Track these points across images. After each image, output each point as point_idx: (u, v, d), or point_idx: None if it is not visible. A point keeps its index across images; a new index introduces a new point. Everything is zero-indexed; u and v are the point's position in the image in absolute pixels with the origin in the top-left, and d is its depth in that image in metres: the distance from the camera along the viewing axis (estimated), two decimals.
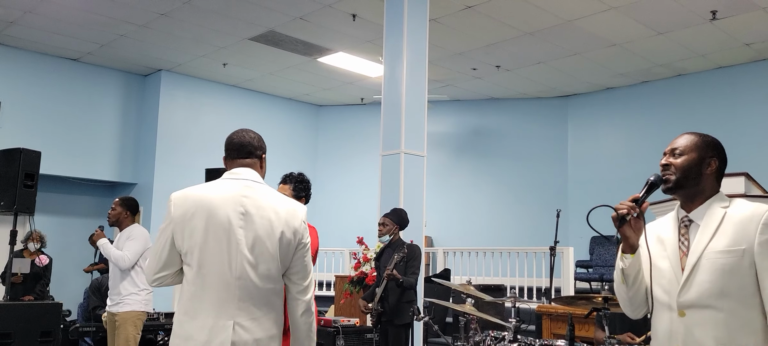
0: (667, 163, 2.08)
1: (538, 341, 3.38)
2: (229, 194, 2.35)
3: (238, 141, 2.55)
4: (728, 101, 9.74)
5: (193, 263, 2.28)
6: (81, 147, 10.32)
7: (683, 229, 2.06)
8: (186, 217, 2.30)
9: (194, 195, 2.36)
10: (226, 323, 2.23)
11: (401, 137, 6.84)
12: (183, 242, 2.29)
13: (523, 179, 11.70)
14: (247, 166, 2.50)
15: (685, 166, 2.06)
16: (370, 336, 5.66)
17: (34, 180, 5.51)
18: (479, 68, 10.29)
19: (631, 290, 2.08)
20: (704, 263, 1.95)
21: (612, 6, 7.77)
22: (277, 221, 2.35)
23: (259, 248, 2.31)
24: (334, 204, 12.61)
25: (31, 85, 9.98)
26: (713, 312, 1.91)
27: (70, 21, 8.77)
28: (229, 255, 2.27)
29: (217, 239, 2.27)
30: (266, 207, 2.36)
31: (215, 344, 2.21)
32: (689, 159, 2.06)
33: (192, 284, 2.28)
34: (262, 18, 8.54)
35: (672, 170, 2.07)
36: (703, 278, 1.94)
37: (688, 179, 2.05)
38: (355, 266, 7.17)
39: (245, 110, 11.98)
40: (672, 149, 2.10)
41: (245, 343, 2.24)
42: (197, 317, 2.24)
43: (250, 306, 2.27)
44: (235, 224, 2.29)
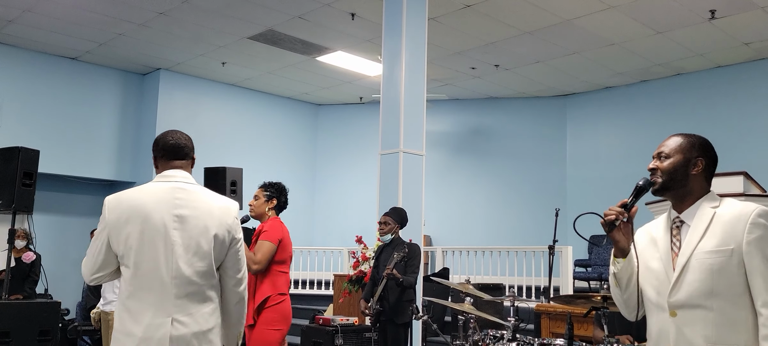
0: (654, 167, 2.12)
1: (537, 340, 3.38)
2: (163, 196, 2.46)
3: (174, 143, 2.62)
4: (727, 100, 9.74)
5: (130, 265, 2.39)
6: (80, 146, 10.31)
7: (675, 229, 2.09)
8: (120, 221, 2.40)
9: (128, 199, 2.46)
10: (164, 320, 2.35)
11: (400, 136, 6.85)
12: (118, 246, 2.40)
13: (522, 178, 11.70)
14: (180, 168, 2.59)
15: (671, 168, 2.09)
16: (368, 335, 5.66)
17: (33, 179, 5.48)
18: (478, 67, 10.29)
19: (625, 293, 2.13)
20: (694, 263, 1.98)
21: (611, 5, 7.77)
22: (211, 220, 2.48)
23: (194, 247, 2.43)
24: (332, 203, 12.61)
25: (30, 83, 9.97)
26: (703, 312, 1.93)
27: (68, 20, 8.75)
28: (164, 256, 2.38)
29: (152, 242, 2.38)
30: (200, 208, 2.49)
31: (155, 341, 2.32)
32: (675, 162, 2.09)
33: (130, 284, 2.39)
34: (261, 17, 8.54)
35: (659, 174, 2.10)
36: (693, 277, 1.96)
37: (674, 180, 2.08)
38: (353, 265, 7.17)
39: (244, 109, 11.98)
40: (659, 153, 2.14)
41: (183, 337, 2.36)
42: (137, 315, 2.35)
43: (187, 303, 2.39)
44: (170, 226, 2.41)
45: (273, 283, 3.75)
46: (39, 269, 7.28)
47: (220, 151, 11.14)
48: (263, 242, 3.74)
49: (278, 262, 3.81)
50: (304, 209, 12.53)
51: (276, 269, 3.80)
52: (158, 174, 2.58)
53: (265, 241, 3.74)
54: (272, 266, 3.77)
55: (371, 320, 5.21)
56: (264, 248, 3.72)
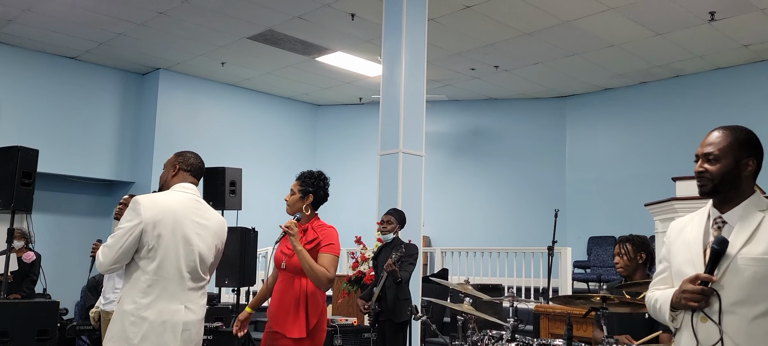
0: (702, 170, 1.97)
1: (536, 340, 3.38)
2: (187, 204, 2.97)
3: (200, 166, 3.19)
4: (726, 102, 9.75)
5: (157, 257, 2.81)
6: (79, 145, 10.31)
7: (715, 230, 1.94)
8: (156, 219, 2.83)
9: (162, 202, 2.92)
10: (179, 307, 2.84)
11: (399, 137, 6.85)
12: (150, 240, 2.81)
13: (521, 179, 11.70)
14: (194, 185, 3.14)
15: (722, 173, 1.94)
16: (367, 335, 5.66)
17: (32, 178, 5.48)
18: (477, 68, 10.30)
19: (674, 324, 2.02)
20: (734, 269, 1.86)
21: (610, 6, 7.78)
22: (216, 231, 3.07)
23: (206, 250, 2.98)
24: (331, 204, 12.51)
25: (29, 83, 9.97)
26: (737, 320, 1.83)
27: (68, 19, 8.75)
28: (185, 254, 2.88)
29: (179, 240, 2.87)
30: (210, 219, 3.06)
31: (172, 322, 2.80)
32: (726, 166, 1.94)
33: (152, 275, 2.80)
34: (261, 17, 8.54)
35: (708, 177, 1.96)
36: (732, 283, 1.85)
37: (725, 183, 1.95)
38: (352, 265, 7.17)
39: (243, 109, 11.98)
40: (705, 154, 1.98)
41: (191, 322, 2.88)
42: (156, 301, 2.79)
43: (194, 294, 2.92)
44: (193, 231, 2.93)
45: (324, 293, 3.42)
46: (38, 269, 7.27)
47: (219, 152, 11.14)
48: (329, 256, 3.28)
49: None
50: None
51: None
52: (177, 185, 3.06)
53: (331, 255, 3.29)
54: None
55: (370, 321, 5.20)
56: (334, 262, 3.29)
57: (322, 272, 3.21)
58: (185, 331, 2.83)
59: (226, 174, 7.73)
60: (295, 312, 3.24)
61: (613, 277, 8.86)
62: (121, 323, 2.77)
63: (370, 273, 6.44)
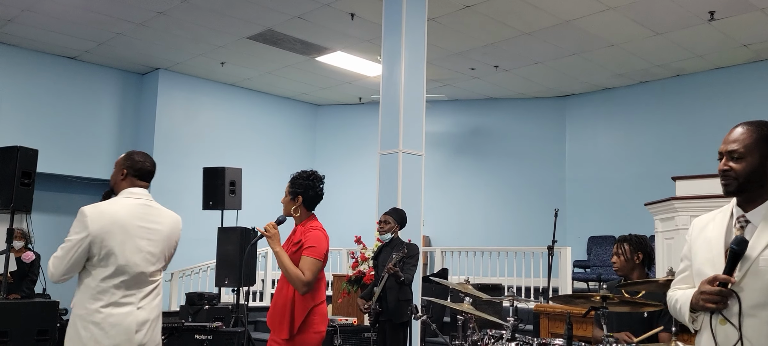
0: (726, 168, 1.90)
1: (536, 339, 3.38)
2: (134, 211, 3.05)
3: (150, 168, 3.24)
4: (726, 102, 9.75)
5: (107, 265, 2.91)
6: (78, 145, 10.30)
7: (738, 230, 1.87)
8: (103, 230, 2.92)
9: (108, 212, 3.00)
10: (131, 309, 2.94)
11: (399, 136, 6.84)
12: (100, 250, 2.91)
13: (521, 179, 11.70)
14: (144, 188, 3.18)
15: (748, 171, 1.88)
16: (367, 335, 5.65)
17: (32, 178, 5.48)
18: (477, 68, 10.29)
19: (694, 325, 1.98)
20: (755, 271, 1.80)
21: (610, 6, 7.78)
22: (168, 231, 3.14)
23: (157, 252, 3.06)
24: (331, 204, 12.53)
25: (29, 83, 9.97)
26: (757, 323, 1.78)
27: (67, 19, 8.75)
28: (136, 260, 2.97)
29: (127, 248, 2.95)
30: (161, 221, 3.13)
31: (125, 325, 2.90)
32: (751, 163, 1.88)
33: (105, 281, 2.90)
34: (261, 17, 8.53)
35: (733, 176, 1.89)
36: (755, 285, 1.79)
37: (751, 182, 1.88)
38: (352, 265, 7.17)
39: (243, 109, 11.97)
40: (729, 151, 1.91)
41: (146, 320, 2.99)
42: (109, 305, 2.90)
43: (147, 295, 3.02)
44: (142, 236, 3.01)
45: (315, 294, 3.34)
46: (38, 268, 7.26)
47: (218, 152, 11.14)
48: (310, 259, 3.25)
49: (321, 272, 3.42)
50: None
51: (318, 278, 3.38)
52: (125, 190, 3.13)
53: (312, 258, 3.25)
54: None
55: (370, 321, 5.20)
56: (313, 266, 3.25)
57: (296, 275, 3.23)
58: (138, 331, 2.94)
59: (226, 174, 7.73)
60: (281, 314, 3.32)
61: (612, 276, 8.85)
62: (75, 327, 2.89)
63: (370, 273, 6.44)
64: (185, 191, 10.58)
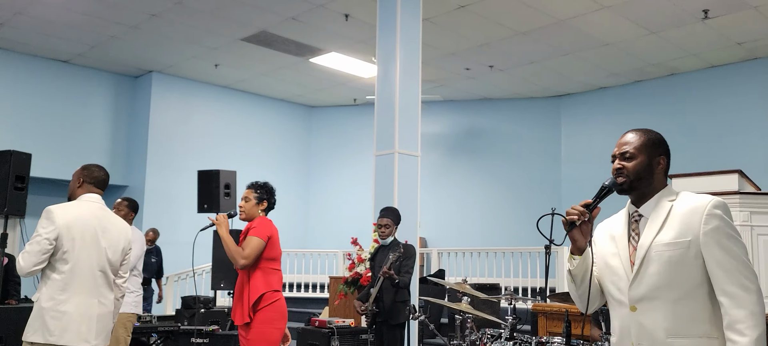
0: (620, 166, 2.11)
1: (535, 338, 3.36)
2: (93, 212, 3.41)
3: (105, 178, 3.60)
4: (721, 100, 9.77)
5: (70, 260, 3.24)
6: (72, 149, 10.24)
7: (634, 224, 2.11)
8: (69, 225, 3.26)
9: (72, 210, 3.35)
10: (93, 301, 3.29)
11: (395, 137, 6.82)
12: (64, 244, 3.23)
13: (517, 178, 11.70)
14: (99, 195, 3.54)
15: (638, 168, 2.09)
16: (365, 337, 5.63)
17: (25, 182, 5.43)
18: (472, 68, 10.29)
19: (579, 289, 2.15)
20: (652, 256, 2.00)
21: (604, 5, 7.78)
22: (120, 234, 3.50)
23: (111, 251, 3.41)
24: (326, 205, 12.57)
25: (22, 87, 9.91)
26: (662, 304, 1.96)
27: (60, 22, 8.70)
28: (96, 255, 3.33)
29: (88, 244, 3.31)
30: (114, 224, 3.50)
31: (88, 315, 3.24)
32: (641, 162, 2.09)
33: (67, 274, 3.22)
34: (254, 18, 8.50)
35: (625, 174, 2.10)
36: (652, 270, 1.99)
37: (640, 180, 2.09)
38: (349, 266, 7.14)
39: (237, 112, 11.94)
40: (622, 153, 2.12)
41: (104, 314, 3.34)
42: (72, 297, 3.22)
43: (105, 290, 3.37)
44: (99, 235, 3.36)
45: (266, 280, 3.72)
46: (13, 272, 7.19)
47: (213, 154, 11.09)
48: (252, 238, 3.71)
49: (269, 259, 3.77)
50: (298, 212, 12.49)
51: (268, 266, 3.76)
52: (83, 196, 3.47)
53: (254, 236, 3.71)
54: (263, 263, 3.74)
55: (367, 322, 5.17)
56: (253, 243, 3.69)
57: (236, 251, 3.67)
58: (98, 322, 3.29)
59: (221, 177, 7.69)
60: (239, 301, 3.73)
61: None
62: (42, 318, 3.16)
63: (367, 274, 6.41)
64: (180, 194, 10.54)
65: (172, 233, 9.74)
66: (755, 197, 4.61)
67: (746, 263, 1.94)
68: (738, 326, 1.87)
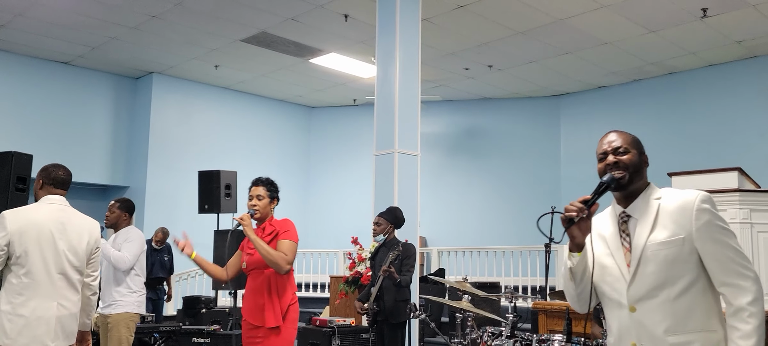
0: (617, 161, 2.09)
1: (535, 336, 3.38)
2: (51, 215, 3.37)
3: (65, 178, 3.57)
4: (720, 98, 9.79)
5: (26, 264, 3.23)
6: (73, 150, 10.26)
7: (622, 224, 2.10)
8: (21, 231, 3.24)
9: (25, 215, 3.31)
10: (51, 304, 3.26)
11: (395, 137, 6.84)
12: (16, 249, 3.22)
13: (516, 178, 11.72)
14: (62, 195, 3.52)
15: (634, 162, 2.09)
16: (365, 336, 5.65)
17: (27, 184, 5.44)
18: (471, 68, 10.31)
19: (578, 287, 2.13)
20: (647, 256, 2.00)
21: (603, 4, 7.80)
22: (81, 233, 3.45)
23: (71, 252, 3.36)
24: (326, 205, 12.59)
25: (22, 88, 9.93)
26: (661, 302, 1.97)
27: (60, 24, 8.72)
28: (53, 258, 3.29)
29: (44, 246, 3.27)
30: (75, 224, 3.45)
31: (46, 318, 3.23)
32: (634, 157, 2.10)
33: (24, 278, 3.23)
34: (254, 19, 8.52)
35: (623, 167, 2.08)
36: (649, 270, 1.99)
37: (637, 174, 2.09)
38: (350, 266, 7.16)
39: (237, 112, 11.95)
40: (615, 148, 2.12)
41: (64, 316, 3.30)
42: (30, 300, 3.21)
43: (67, 292, 3.33)
44: (57, 236, 3.32)
45: (292, 283, 3.68)
46: None
47: (213, 155, 11.11)
48: (287, 242, 3.56)
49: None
50: (298, 212, 12.50)
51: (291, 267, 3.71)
52: (44, 197, 3.44)
53: (289, 240, 3.57)
54: None
55: (368, 321, 5.19)
56: (292, 247, 3.57)
57: (279, 256, 3.48)
58: (58, 324, 3.27)
59: (222, 177, 7.72)
60: (269, 304, 3.53)
61: None
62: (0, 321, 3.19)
63: (367, 273, 6.43)
64: (181, 194, 10.56)
65: (173, 234, 9.75)
66: (755, 195, 4.62)
67: (739, 251, 1.97)
68: (741, 313, 1.91)
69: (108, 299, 4.78)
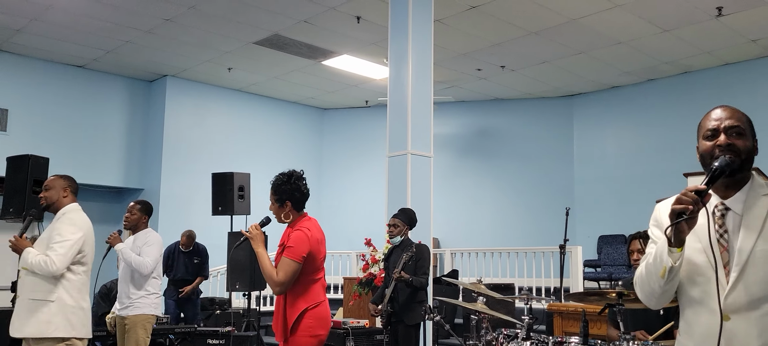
0: (730, 143, 1.80)
1: (551, 338, 3.36)
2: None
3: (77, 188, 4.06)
4: (735, 98, 9.68)
5: (86, 262, 3.77)
6: (88, 153, 10.35)
7: (719, 218, 1.81)
8: (88, 232, 3.80)
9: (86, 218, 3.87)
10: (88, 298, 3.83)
11: (408, 138, 6.84)
12: (84, 248, 3.74)
13: (529, 179, 11.67)
14: None
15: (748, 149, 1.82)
16: (379, 337, 5.65)
17: None
18: (484, 69, 10.28)
19: (667, 285, 1.82)
20: (754, 262, 1.75)
21: (617, 4, 7.76)
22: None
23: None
24: (340, 207, 12.60)
25: (38, 92, 10.03)
26: (762, 316, 1.74)
27: (75, 28, 8.80)
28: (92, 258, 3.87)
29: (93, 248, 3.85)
30: None
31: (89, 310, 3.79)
32: (748, 142, 1.82)
33: (83, 275, 3.74)
34: (267, 22, 8.56)
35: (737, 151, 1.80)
36: (754, 278, 1.74)
37: (748, 162, 1.82)
38: (363, 267, 7.17)
39: (250, 115, 12.00)
40: (731, 126, 1.84)
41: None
42: (85, 295, 3.75)
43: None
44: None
45: (306, 297, 3.31)
46: None
47: (226, 157, 11.16)
48: (286, 260, 3.25)
49: (309, 272, 3.34)
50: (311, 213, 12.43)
51: (308, 279, 3.34)
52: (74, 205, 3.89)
53: (288, 259, 3.24)
54: (302, 278, 3.31)
55: (382, 322, 5.19)
56: (286, 267, 3.24)
57: (269, 274, 3.27)
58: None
59: (235, 179, 7.75)
60: (277, 318, 3.37)
61: (624, 275, 8.81)
62: (64, 314, 3.58)
63: (381, 275, 6.43)
64: (194, 196, 10.61)
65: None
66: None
67: None
68: None
69: (125, 301, 4.82)
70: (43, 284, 3.60)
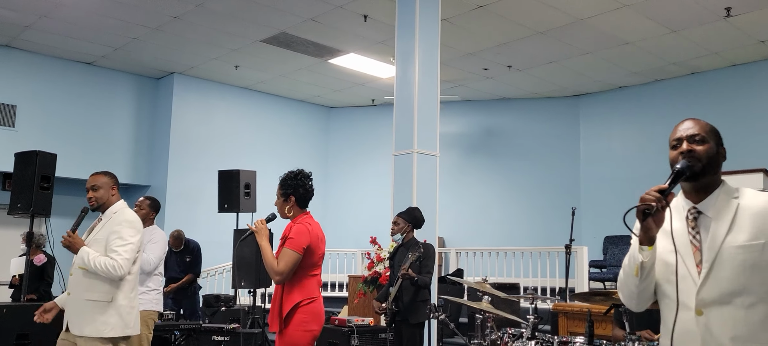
0: (690, 149, 1.96)
1: (557, 338, 3.36)
2: None
3: None
4: (743, 99, 9.65)
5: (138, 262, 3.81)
6: (96, 149, 10.41)
7: (692, 221, 1.96)
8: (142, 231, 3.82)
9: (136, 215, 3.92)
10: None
11: (414, 137, 6.84)
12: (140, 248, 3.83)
13: (535, 178, 11.66)
14: None
15: (709, 154, 1.96)
16: (384, 336, 5.66)
17: (51, 182, 5.55)
18: (491, 68, 10.27)
19: (642, 284, 1.96)
20: (723, 259, 1.87)
21: (625, 4, 7.73)
22: None
23: None
24: (345, 205, 12.62)
25: (47, 88, 10.09)
26: (733, 310, 1.84)
27: (84, 25, 8.84)
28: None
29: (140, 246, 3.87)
30: None
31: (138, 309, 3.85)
32: (710, 147, 1.97)
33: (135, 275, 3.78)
34: (274, 20, 8.57)
35: (697, 157, 1.95)
36: (723, 275, 1.86)
37: (710, 166, 1.96)
38: (368, 265, 7.17)
39: (257, 112, 12.03)
40: (691, 135, 1.99)
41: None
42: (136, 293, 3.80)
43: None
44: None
45: (302, 289, 3.47)
46: (52, 271, 7.32)
47: (233, 155, 11.20)
48: (287, 251, 3.42)
49: (308, 266, 3.50)
50: (317, 211, 12.48)
51: (306, 273, 3.50)
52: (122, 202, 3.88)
53: (289, 249, 3.42)
54: (300, 271, 3.47)
55: (387, 321, 5.20)
56: (287, 257, 3.41)
57: (270, 265, 3.44)
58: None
59: (241, 177, 7.78)
60: (273, 309, 3.53)
61: None
62: (120, 315, 3.59)
63: (386, 273, 6.44)
64: (201, 193, 10.65)
65: (193, 233, 9.81)
66: None
67: None
68: None
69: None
70: (101, 285, 3.58)
